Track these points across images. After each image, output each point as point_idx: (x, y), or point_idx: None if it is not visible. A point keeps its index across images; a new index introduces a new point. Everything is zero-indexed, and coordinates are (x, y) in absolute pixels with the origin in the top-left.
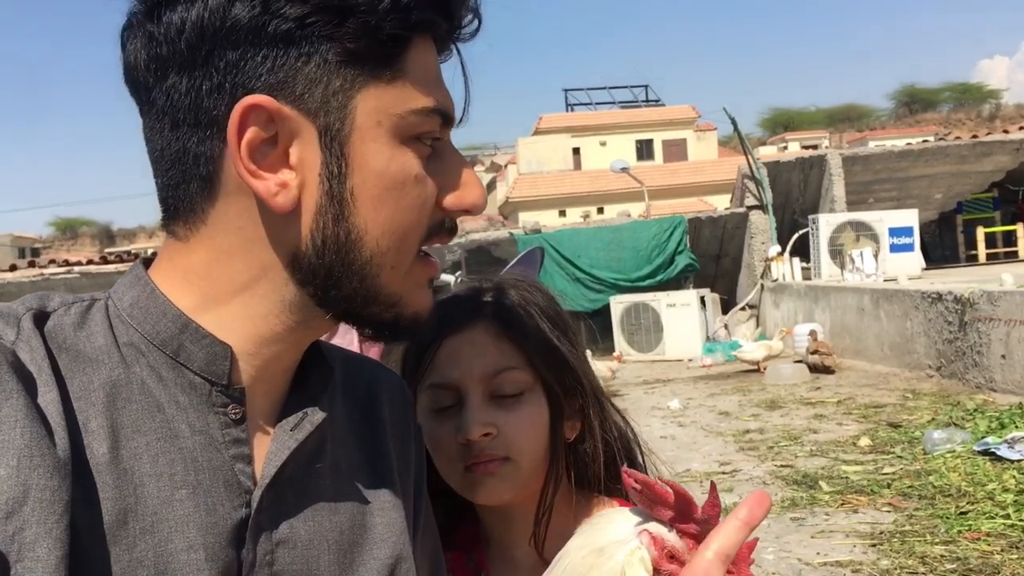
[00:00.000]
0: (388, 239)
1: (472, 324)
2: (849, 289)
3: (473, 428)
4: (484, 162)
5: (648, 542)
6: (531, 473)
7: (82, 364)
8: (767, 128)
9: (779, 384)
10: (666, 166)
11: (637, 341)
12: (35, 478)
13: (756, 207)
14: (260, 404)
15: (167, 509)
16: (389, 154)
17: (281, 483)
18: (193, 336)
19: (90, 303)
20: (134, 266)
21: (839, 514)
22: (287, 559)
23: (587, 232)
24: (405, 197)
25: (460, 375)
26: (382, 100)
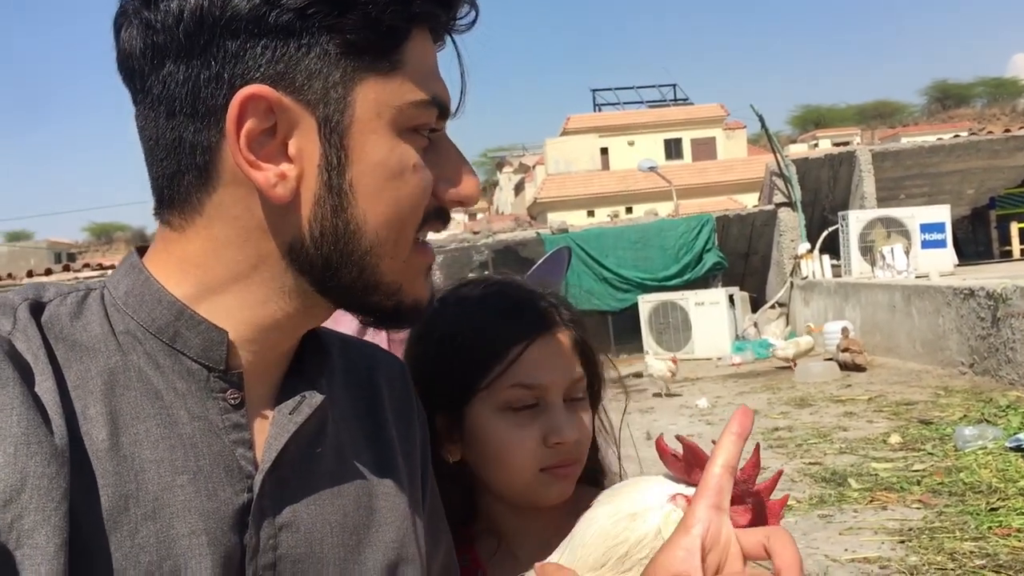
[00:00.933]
0: (387, 229)
1: (555, 330)
2: (880, 286)
3: (570, 433)
4: (513, 163)
5: (684, 504)
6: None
7: (79, 353)
8: (797, 126)
9: (809, 382)
10: (695, 165)
11: (666, 340)
12: (32, 466)
13: (785, 204)
14: (259, 389)
15: (168, 495)
16: (388, 145)
17: (282, 467)
18: (189, 322)
19: (85, 293)
20: (128, 255)
21: (868, 511)
22: (291, 543)
23: (614, 231)
24: (403, 188)
25: (550, 379)
26: (382, 92)
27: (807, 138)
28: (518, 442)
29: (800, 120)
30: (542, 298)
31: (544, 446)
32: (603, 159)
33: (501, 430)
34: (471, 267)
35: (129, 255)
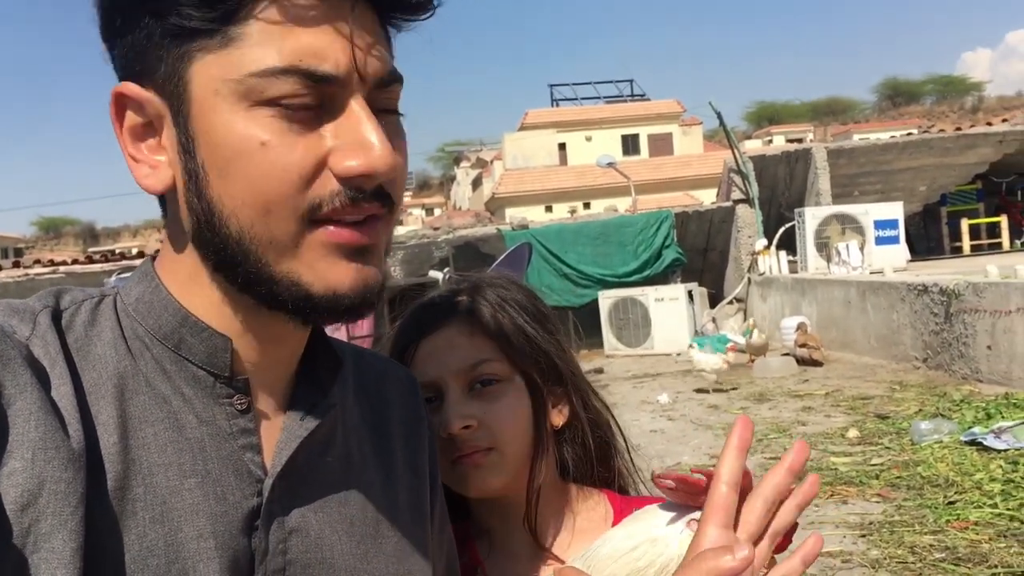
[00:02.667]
0: (248, 212)
1: (446, 324)
2: (836, 282)
3: (453, 422)
4: (470, 158)
5: None
6: (518, 462)
7: (92, 360)
8: (752, 121)
9: (767, 377)
10: (652, 160)
11: (626, 336)
12: (50, 471)
13: (742, 201)
14: (267, 394)
15: (176, 498)
16: (231, 122)
17: (292, 472)
18: (192, 329)
19: (99, 299)
20: (144, 261)
21: (829, 505)
22: (300, 547)
23: (574, 228)
24: (254, 166)
25: (437, 372)
26: (217, 67)
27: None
28: None
29: (755, 116)
30: (457, 294)
31: (442, 437)
32: (561, 154)
33: None
34: (431, 263)
35: (145, 261)
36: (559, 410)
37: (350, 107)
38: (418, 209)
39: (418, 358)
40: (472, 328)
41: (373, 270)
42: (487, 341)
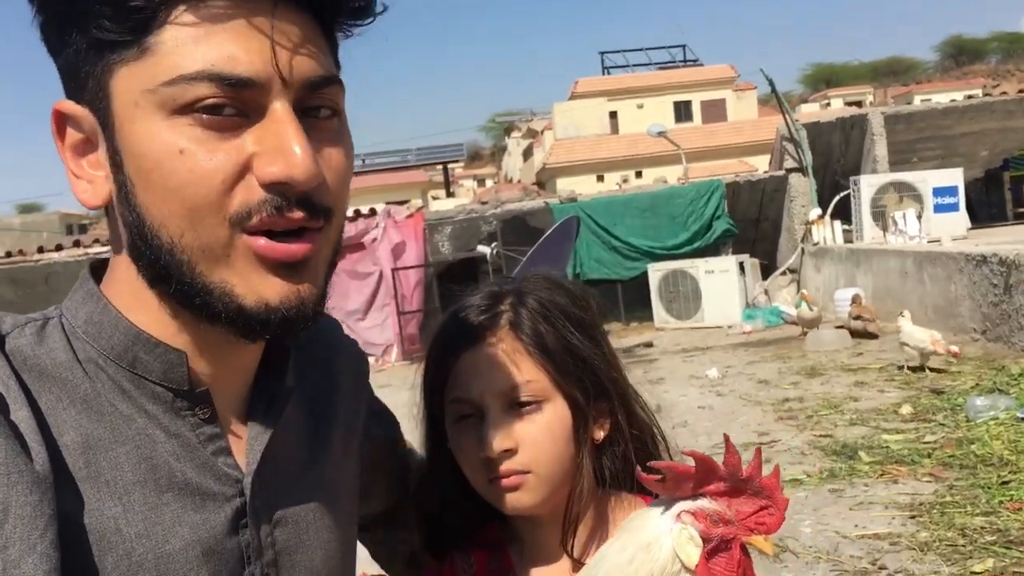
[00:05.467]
0: (176, 221)
1: (489, 339)
2: (892, 252)
3: (493, 445)
4: (521, 128)
5: (690, 520)
6: (555, 481)
7: (47, 382)
8: (809, 84)
9: (820, 351)
10: (705, 127)
11: (675, 308)
12: (14, 495)
13: (796, 169)
14: (228, 397)
15: (156, 513)
16: (151, 132)
17: (267, 465)
18: (145, 346)
19: (43, 321)
20: (83, 280)
21: (879, 485)
22: (284, 536)
23: (623, 200)
24: (173, 175)
25: (478, 390)
26: (134, 79)
27: (819, 97)
28: (464, 453)
29: (812, 79)
30: (499, 302)
31: (480, 457)
32: (612, 123)
33: (454, 443)
34: (479, 238)
35: (84, 280)
36: (600, 424)
37: (272, 111)
38: (469, 180)
39: (459, 372)
40: (515, 345)
41: (307, 285)
42: (530, 360)
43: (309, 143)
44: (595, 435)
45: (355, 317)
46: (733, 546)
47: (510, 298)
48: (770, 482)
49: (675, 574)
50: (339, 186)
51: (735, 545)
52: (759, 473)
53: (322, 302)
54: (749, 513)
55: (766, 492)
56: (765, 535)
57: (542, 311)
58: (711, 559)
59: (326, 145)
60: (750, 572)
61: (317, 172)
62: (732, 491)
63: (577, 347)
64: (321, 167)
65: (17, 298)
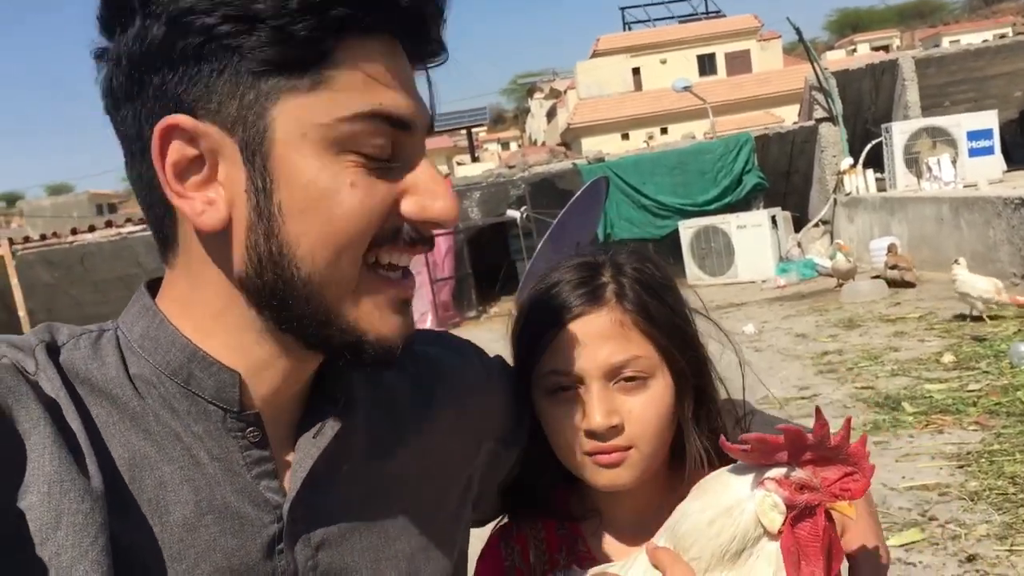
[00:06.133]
0: (322, 253)
1: (594, 310)
2: (927, 199)
3: (599, 419)
4: (544, 89)
5: (774, 487)
6: (655, 458)
7: (99, 396)
8: (834, 31)
9: (857, 302)
10: (730, 80)
11: (708, 265)
12: (66, 503)
13: (825, 119)
14: (279, 419)
15: (192, 536)
16: (318, 165)
17: (311, 490)
18: (201, 364)
19: (99, 334)
20: (139, 295)
21: (924, 436)
22: (328, 559)
23: (651, 158)
24: (337, 208)
25: (583, 364)
26: (304, 109)
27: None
28: (559, 427)
29: (837, 25)
30: (599, 274)
31: (581, 431)
32: (635, 80)
33: (547, 415)
34: (508, 202)
35: (140, 295)
36: (688, 398)
37: (418, 156)
38: (494, 144)
39: (560, 344)
40: (623, 318)
41: (412, 319)
42: (638, 333)
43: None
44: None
45: None
46: (818, 512)
47: (608, 269)
48: (857, 449)
49: (756, 538)
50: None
51: (819, 512)
52: (847, 442)
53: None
54: (834, 480)
55: (852, 459)
56: (849, 500)
57: (642, 279)
58: (796, 525)
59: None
60: (835, 537)
61: (457, 212)
62: (819, 460)
63: (678, 316)
64: None
65: (54, 280)
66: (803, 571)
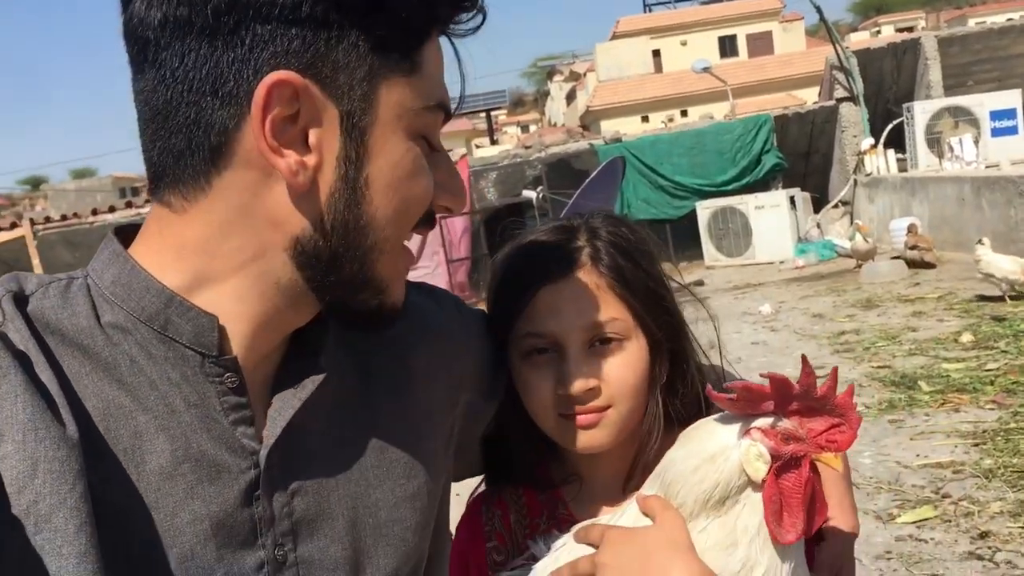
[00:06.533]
0: (392, 227)
1: (570, 273)
2: (948, 179)
3: (576, 383)
4: (563, 71)
5: (759, 437)
6: (631, 420)
7: (69, 346)
8: (858, 12)
9: (875, 282)
10: (751, 61)
11: (726, 246)
12: (42, 450)
13: (846, 99)
14: (258, 368)
15: (170, 484)
16: (405, 146)
17: (288, 439)
18: (178, 309)
19: (68, 282)
20: (107, 241)
21: (939, 414)
22: (303, 506)
23: (668, 138)
24: (414, 188)
25: (559, 327)
26: (403, 93)
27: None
28: (535, 388)
29: (861, 6)
30: (575, 237)
31: (558, 393)
32: (655, 62)
33: (523, 377)
34: (524, 183)
35: (109, 241)
36: (661, 361)
37: (439, 141)
38: (513, 127)
39: (538, 306)
40: (598, 281)
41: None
42: (614, 296)
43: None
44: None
45: None
46: (803, 464)
47: (584, 233)
48: (844, 400)
49: (740, 487)
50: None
51: (805, 463)
52: (834, 392)
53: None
54: (820, 431)
55: (839, 410)
56: (835, 452)
57: (616, 243)
58: (780, 476)
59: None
60: (819, 488)
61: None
62: (805, 410)
63: (652, 280)
64: None
65: (74, 260)
66: (784, 522)
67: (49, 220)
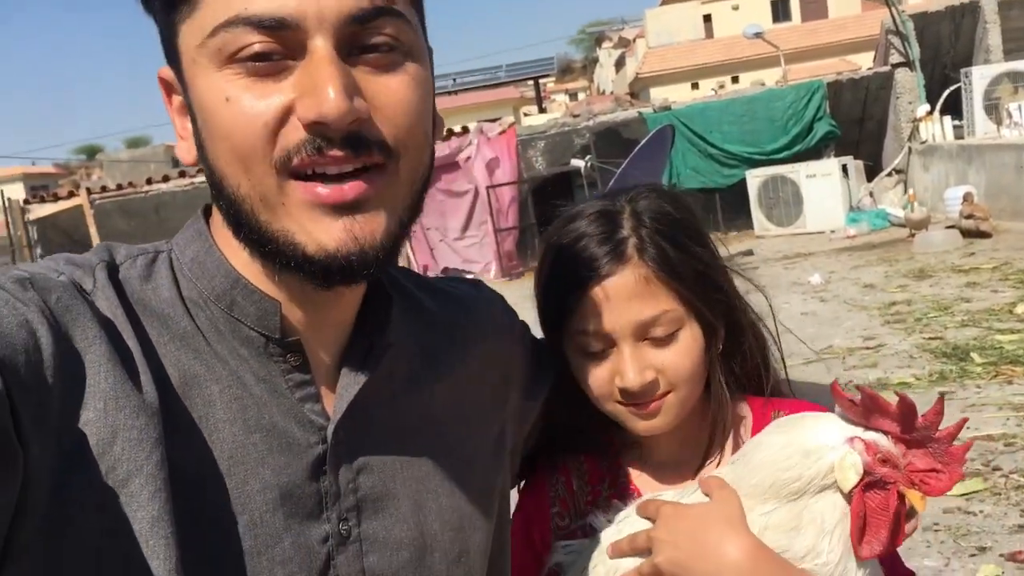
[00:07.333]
0: (231, 171)
1: (618, 268)
2: (1007, 146)
3: (634, 377)
4: (612, 38)
5: (862, 448)
6: (692, 399)
7: (152, 316)
8: None
9: (929, 252)
10: (804, 26)
11: (776, 215)
12: (121, 419)
13: (902, 64)
14: (322, 348)
15: (242, 452)
16: (205, 85)
17: (355, 416)
18: (243, 291)
19: (154, 255)
20: (194, 219)
21: (991, 386)
22: (369, 484)
23: (719, 105)
24: (222, 124)
25: (612, 326)
26: (190, 35)
27: None
28: (594, 383)
29: None
30: (619, 226)
31: (616, 386)
32: (706, 27)
33: (581, 371)
34: (573, 152)
35: (196, 219)
36: (719, 330)
37: (311, 51)
38: (561, 95)
39: (587, 305)
40: (646, 274)
41: (363, 228)
42: (663, 288)
43: (345, 79)
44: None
45: (453, 236)
46: (891, 490)
47: (628, 220)
48: (956, 451)
49: (820, 488)
50: (402, 119)
51: (893, 490)
52: (951, 439)
53: (391, 246)
54: (920, 469)
55: (947, 457)
56: (924, 494)
57: (662, 228)
58: (867, 492)
59: (382, 77)
60: (903, 522)
61: (348, 109)
62: (915, 442)
63: (701, 262)
64: (371, 103)
65: (130, 228)
66: (866, 539)
67: (105, 189)
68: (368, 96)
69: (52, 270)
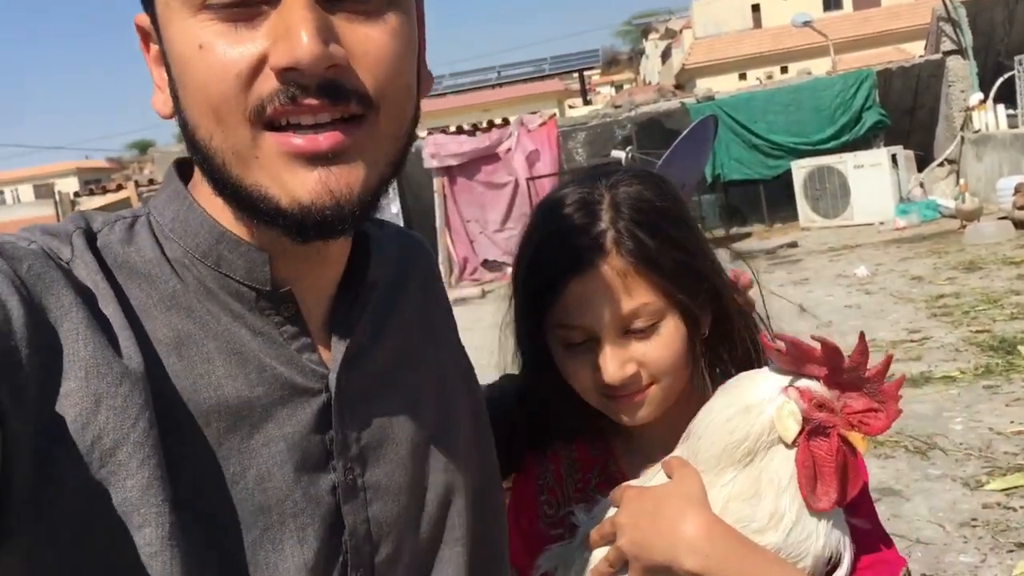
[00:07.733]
0: (204, 120)
1: (596, 263)
2: None
3: (615, 372)
4: (659, 29)
5: (796, 396)
6: (676, 388)
7: (137, 279)
8: None
9: (979, 244)
10: (856, 14)
11: (822, 207)
12: (104, 387)
13: (954, 52)
14: (313, 299)
15: (245, 408)
16: (181, 31)
17: (353, 362)
18: (229, 245)
19: (132, 220)
20: (169, 178)
21: None
22: (371, 432)
23: (764, 95)
24: (196, 72)
25: (591, 321)
26: None
27: None
28: (575, 375)
29: None
30: (597, 217)
31: (598, 379)
32: (754, 17)
33: (563, 363)
34: (614, 143)
35: (170, 179)
36: (703, 319)
37: (288, 4)
38: (607, 87)
39: (568, 300)
40: (625, 267)
41: (339, 180)
42: (642, 281)
43: (319, 22)
44: (701, 330)
45: (493, 228)
46: (831, 435)
47: (607, 212)
48: (889, 388)
49: (769, 443)
50: (383, 68)
51: (833, 434)
52: (882, 377)
53: (369, 200)
54: (856, 410)
55: (881, 396)
56: (864, 434)
57: (641, 219)
58: (811, 440)
59: (362, 26)
60: (852, 463)
61: (322, 53)
62: (848, 384)
63: (683, 251)
64: (350, 51)
65: None
66: (817, 490)
67: (152, 182)
68: (347, 45)
69: (24, 239)
